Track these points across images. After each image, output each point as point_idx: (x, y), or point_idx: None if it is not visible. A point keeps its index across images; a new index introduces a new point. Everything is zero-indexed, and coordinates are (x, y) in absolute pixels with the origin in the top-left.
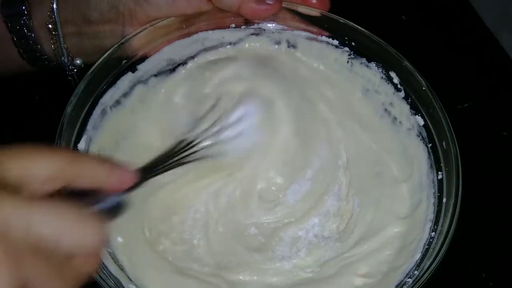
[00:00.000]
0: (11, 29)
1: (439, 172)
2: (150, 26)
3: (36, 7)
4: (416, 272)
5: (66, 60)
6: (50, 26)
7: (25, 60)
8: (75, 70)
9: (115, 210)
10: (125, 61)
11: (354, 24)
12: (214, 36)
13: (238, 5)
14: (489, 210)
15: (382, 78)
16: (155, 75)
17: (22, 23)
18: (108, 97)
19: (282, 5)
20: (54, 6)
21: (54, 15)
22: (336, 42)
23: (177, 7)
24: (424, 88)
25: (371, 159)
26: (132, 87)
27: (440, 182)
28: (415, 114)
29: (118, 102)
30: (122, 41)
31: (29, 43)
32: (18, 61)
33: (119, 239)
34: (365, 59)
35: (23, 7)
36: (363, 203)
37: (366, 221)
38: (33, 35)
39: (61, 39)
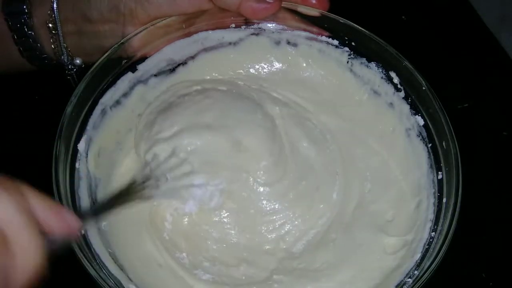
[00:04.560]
0: (12, 27)
1: (439, 172)
2: (150, 26)
3: (36, 5)
4: (416, 272)
5: (65, 59)
6: (50, 25)
7: (25, 59)
8: (75, 69)
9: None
10: (125, 61)
11: (354, 24)
12: (214, 36)
13: (238, 4)
14: (489, 210)
15: (382, 78)
16: (155, 75)
17: (23, 21)
18: (108, 97)
19: (282, 5)
20: (54, 5)
21: (54, 14)
22: (336, 42)
23: (178, 6)
24: (424, 88)
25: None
26: (132, 87)
27: (440, 182)
28: (415, 114)
29: (118, 102)
30: (122, 41)
31: (29, 41)
32: (18, 59)
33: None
34: (365, 59)
35: (24, 6)
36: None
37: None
38: (33, 33)
39: (61, 38)
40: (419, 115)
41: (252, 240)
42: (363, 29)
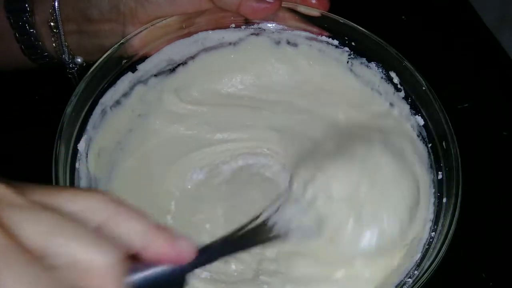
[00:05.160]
0: (14, 25)
1: (439, 172)
2: (151, 26)
3: (38, 4)
4: (416, 272)
5: (66, 58)
6: (51, 23)
7: (26, 56)
8: (76, 68)
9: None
10: (125, 61)
11: (354, 24)
12: (214, 36)
13: (238, 3)
14: (489, 210)
15: (382, 78)
16: (155, 75)
17: (24, 19)
18: (108, 97)
19: (282, 5)
20: (56, 4)
21: (55, 13)
22: (336, 42)
23: (178, 5)
24: (424, 88)
25: None
26: (132, 87)
27: (440, 182)
28: (415, 114)
29: (118, 102)
30: (122, 41)
31: (31, 39)
32: (19, 56)
33: None
34: (365, 59)
35: (26, 4)
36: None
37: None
38: (34, 31)
39: (62, 37)
40: (419, 115)
41: None
42: (363, 29)
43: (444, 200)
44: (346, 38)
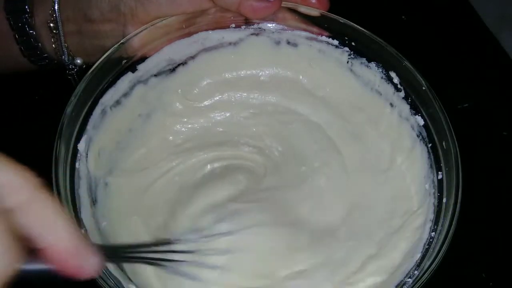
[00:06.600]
0: (13, 26)
1: (439, 172)
2: (151, 26)
3: (38, 5)
4: (416, 272)
5: (66, 59)
6: (51, 24)
7: (26, 58)
8: (76, 69)
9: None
10: (125, 61)
11: (354, 24)
12: (214, 36)
13: (238, 3)
14: (489, 210)
15: (382, 78)
16: (155, 75)
17: (24, 20)
18: (108, 97)
19: (282, 5)
20: (56, 5)
21: (55, 14)
22: (336, 42)
23: (178, 5)
24: (424, 88)
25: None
26: (132, 87)
27: (440, 182)
28: (415, 114)
29: (118, 102)
30: (122, 41)
31: (30, 41)
32: (19, 58)
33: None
34: (365, 59)
35: (26, 5)
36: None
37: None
38: (34, 33)
39: (62, 38)
40: (419, 115)
41: None
42: (363, 29)
43: (444, 200)
44: (346, 38)
